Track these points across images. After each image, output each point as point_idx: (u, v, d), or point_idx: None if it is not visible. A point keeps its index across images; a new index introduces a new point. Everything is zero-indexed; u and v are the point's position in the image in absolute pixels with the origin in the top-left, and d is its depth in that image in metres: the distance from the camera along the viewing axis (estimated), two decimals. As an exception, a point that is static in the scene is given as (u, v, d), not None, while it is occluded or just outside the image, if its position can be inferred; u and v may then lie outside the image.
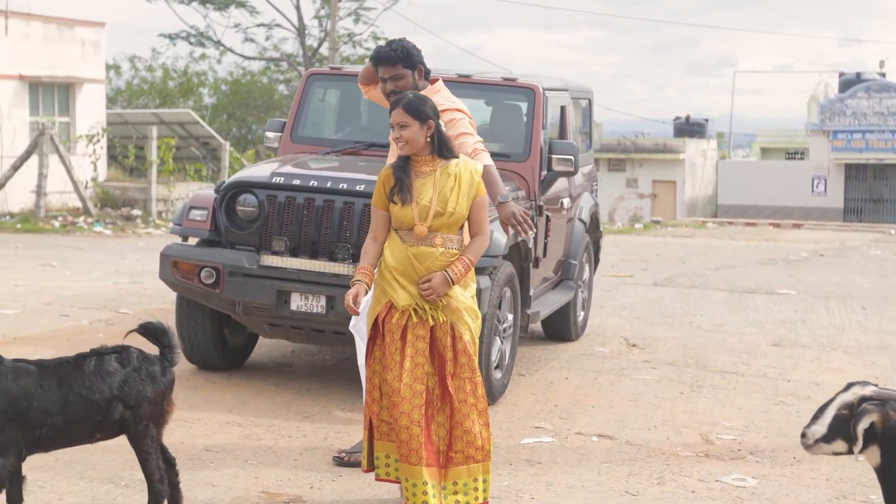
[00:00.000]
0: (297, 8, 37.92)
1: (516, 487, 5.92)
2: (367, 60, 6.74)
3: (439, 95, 6.10)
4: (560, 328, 9.82)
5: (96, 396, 4.70)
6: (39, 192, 22.81)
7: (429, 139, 5.15)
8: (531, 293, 8.24)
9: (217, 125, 36.68)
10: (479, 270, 7.21)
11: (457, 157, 5.23)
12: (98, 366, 4.77)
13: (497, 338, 7.53)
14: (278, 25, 38.64)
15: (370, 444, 5.29)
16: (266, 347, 8.92)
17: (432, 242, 5.13)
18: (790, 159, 47.37)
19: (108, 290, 11.90)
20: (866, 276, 18.75)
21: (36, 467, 5.48)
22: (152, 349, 4.95)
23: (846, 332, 11.79)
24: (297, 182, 7.40)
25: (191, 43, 38.77)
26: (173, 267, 7.48)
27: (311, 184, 7.37)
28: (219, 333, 7.91)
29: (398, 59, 6.01)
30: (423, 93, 5.87)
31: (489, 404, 7.47)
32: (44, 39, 24.92)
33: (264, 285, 7.26)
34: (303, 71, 38.85)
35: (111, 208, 24.82)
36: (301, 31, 37.96)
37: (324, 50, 38.88)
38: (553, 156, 8.41)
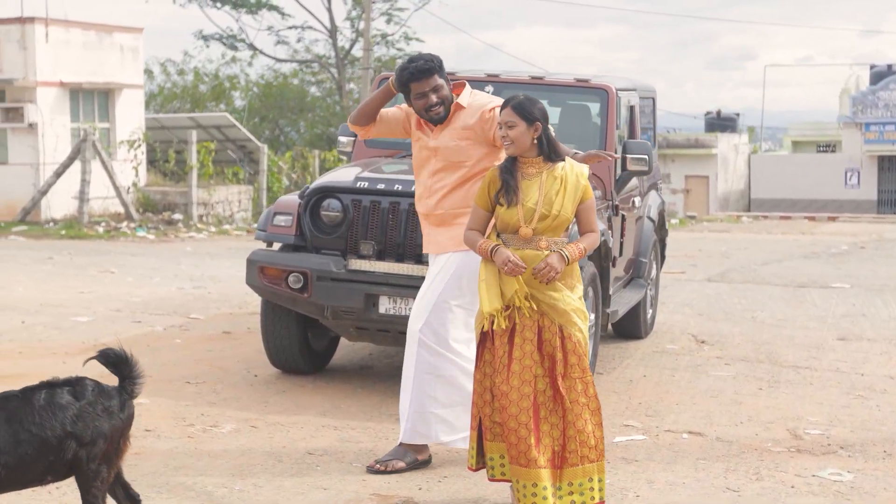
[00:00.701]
0: (329, 10, 38.12)
1: (619, 485, 5.97)
2: (370, 92, 6.74)
3: (478, 95, 6.17)
4: (630, 326, 9.87)
5: (48, 433, 4.31)
6: (83, 198, 22.99)
7: (535, 141, 5.22)
8: (610, 292, 8.31)
9: (249, 128, 36.77)
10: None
11: (563, 160, 5.29)
12: (49, 399, 4.38)
13: (583, 338, 7.58)
14: (310, 27, 38.81)
15: (479, 444, 5.36)
16: (344, 350, 8.99)
17: (537, 245, 5.19)
18: (821, 152, 47.21)
19: (174, 295, 12.01)
20: (914, 269, 18.70)
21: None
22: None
23: (911, 326, 11.79)
24: (381, 186, 7.47)
25: (224, 44, 38.95)
26: (260, 272, 7.56)
27: (395, 188, 7.44)
28: (303, 337, 7.99)
29: (435, 69, 5.95)
30: (461, 96, 6.02)
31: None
32: (83, 46, 25.09)
33: (353, 289, 7.33)
34: (335, 73, 39.08)
35: (152, 213, 24.98)
36: (333, 32, 38.10)
37: (356, 51, 39.04)
38: (627, 155, 8.47)
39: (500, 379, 5.16)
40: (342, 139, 8.98)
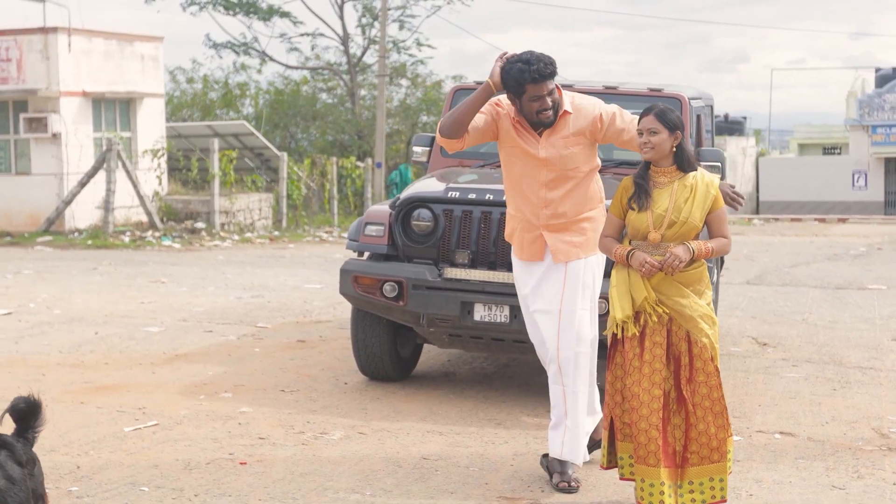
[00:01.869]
0: (341, 17, 38.23)
1: (731, 485, 6.15)
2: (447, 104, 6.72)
3: (578, 99, 6.14)
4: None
5: None
6: (108, 207, 23.13)
7: (673, 149, 5.40)
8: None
9: (261, 135, 36.94)
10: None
11: (695, 170, 5.46)
12: None
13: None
14: (321, 34, 38.94)
15: (611, 444, 5.54)
16: (425, 357, 9.16)
17: (666, 252, 5.36)
18: (828, 154, 47.48)
19: (235, 305, 12.18)
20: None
21: None
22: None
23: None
24: (472, 196, 7.64)
25: (236, 52, 39.08)
26: (354, 282, 7.73)
27: (486, 197, 7.61)
28: (392, 345, 8.16)
29: (555, 72, 5.93)
30: (564, 102, 6.02)
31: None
32: (105, 55, 25.23)
33: (448, 297, 7.50)
34: (347, 79, 39.22)
35: (174, 222, 25.11)
36: (345, 39, 38.24)
37: (367, 58, 39.20)
38: (702, 162, 8.64)
39: (631, 381, 5.34)
40: (417, 149, 9.13)
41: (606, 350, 5.64)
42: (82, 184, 23.42)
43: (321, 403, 7.62)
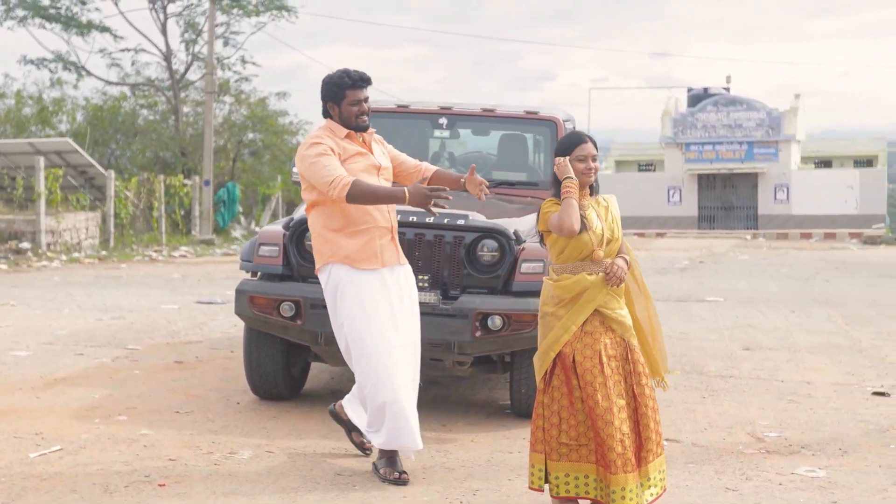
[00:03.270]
0: (164, 33, 37.77)
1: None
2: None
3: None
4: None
5: None
6: (-71, 228, 22.39)
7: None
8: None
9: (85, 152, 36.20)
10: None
11: (597, 193, 5.83)
12: None
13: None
14: (143, 50, 38.41)
15: (545, 465, 5.63)
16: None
17: (606, 266, 5.62)
18: (643, 171, 49.06)
19: (98, 326, 12.02)
20: (765, 281, 19.88)
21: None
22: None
23: (795, 335, 12.70)
24: (365, 217, 7.78)
25: (51, 70, 38.24)
26: (250, 302, 7.79)
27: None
28: (285, 364, 8.24)
29: (370, 82, 6.64)
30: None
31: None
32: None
33: (346, 315, 7.62)
34: (170, 96, 38.73)
35: (-3, 242, 24.44)
36: (168, 55, 37.78)
37: (191, 74, 38.82)
38: (575, 183, 8.99)
39: (600, 396, 5.49)
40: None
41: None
42: None
43: (220, 424, 7.65)
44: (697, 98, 45.76)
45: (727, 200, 45.67)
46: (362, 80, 6.58)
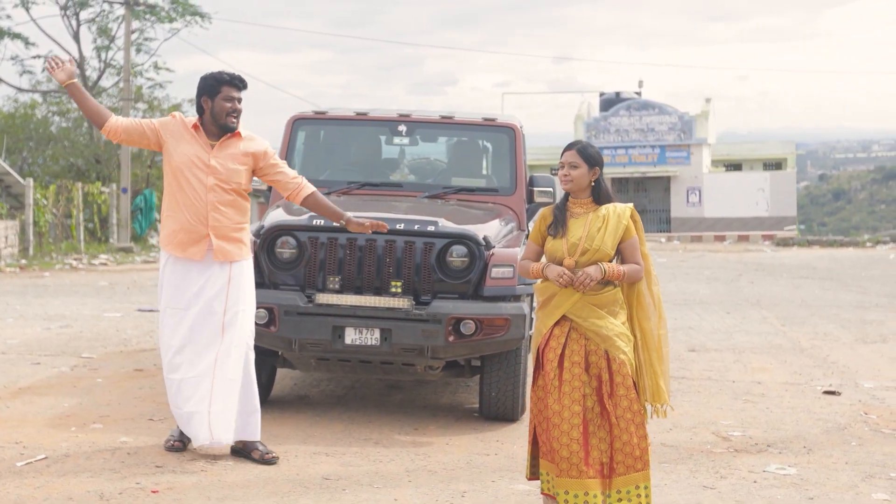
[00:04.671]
0: (77, 39, 37.32)
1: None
2: None
3: (254, 133, 7.05)
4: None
5: None
6: None
7: (592, 183, 5.82)
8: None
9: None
10: (518, 298, 7.91)
11: (610, 202, 5.87)
12: None
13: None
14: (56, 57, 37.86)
15: (535, 458, 5.88)
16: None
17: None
18: (555, 174, 49.47)
19: (47, 336, 11.92)
20: (692, 283, 20.25)
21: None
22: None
23: (734, 336, 13.01)
24: (338, 224, 7.86)
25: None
26: (223, 309, 7.80)
27: (351, 225, 7.85)
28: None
29: (246, 86, 6.96)
30: (241, 125, 6.90)
31: (517, 421, 8.19)
32: None
33: (321, 322, 7.70)
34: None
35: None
36: (81, 62, 37.32)
37: (103, 81, 38.38)
38: (535, 188, 9.16)
39: (552, 399, 5.67)
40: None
41: None
42: None
43: (196, 431, 7.66)
44: (610, 102, 46.38)
45: (640, 204, 46.26)
46: (239, 81, 6.88)
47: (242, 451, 6.96)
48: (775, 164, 50.54)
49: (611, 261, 5.83)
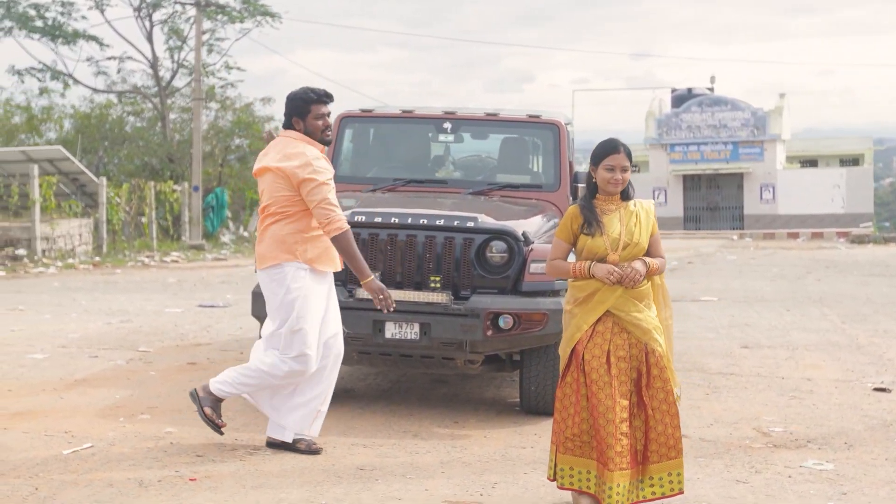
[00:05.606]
0: (150, 40, 37.92)
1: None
2: None
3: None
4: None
5: None
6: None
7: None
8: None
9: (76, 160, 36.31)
10: (557, 293, 7.99)
11: (632, 198, 5.94)
12: None
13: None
14: (130, 58, 38.54)
15: (556, 456, 5.89)
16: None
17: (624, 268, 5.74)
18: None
19: (108, 330, 12.22)
20: (756, 281, 20.12)
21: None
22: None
23: (791, 333, 12.93)
24: (378, 220, 8.00)
25: (39, 79, 38.38)
26: (266, 304, 7.96)
27: (392, 220, 7.98)
28: (300, 364, 8.40)
29: (332, 100, 7.09)
30: (293, 142, 6.93)
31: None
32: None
33: (361, 316, 7.83)
34: (157, 102, 38.88)
35: (-8, 249, 24.55)
36: (154, 63, 37.93)
37: (176, 81, 38.96)
38: (579, 185, 9.21)
39: (603, 394, 5.69)
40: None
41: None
42: None
43: (240, 422, 7.84)
44: (682, 99, 46.08)
45: (712, 201, 46.02)
46: (326, 96, 7.02)
47: (281, 444, 7.10)
48: (852, 161, 49.91)
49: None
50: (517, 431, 7.84)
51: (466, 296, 7.90)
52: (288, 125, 7.01)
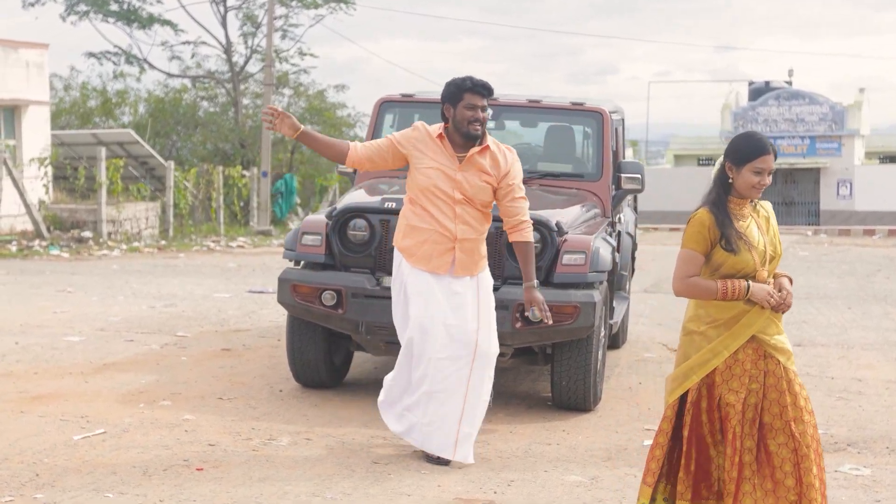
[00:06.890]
0: (224, 25, 38.06)
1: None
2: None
3: (501, 148, 6.78)
4: (611, 336, 10.32)
5: None
6: (-6, 216, 22.75)
7: None
8: (613, 304, 8.78)
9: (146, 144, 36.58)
10: (590, 285, 7.75)
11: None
12: None
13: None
14: (204, 43, 38.72)
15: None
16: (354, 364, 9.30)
17: (776, 287, 4.96)
18: (703, 166, 48.66)
19: (150, 314, 12.17)
20: (823, 278, 19.64)
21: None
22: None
23: (849, 331, 12.54)
24: (408, 206, 7.80)
25: (114, 63, 38.70)
26: (293, 290, 7.83)
27: (422, 207, 7.77)
28: (327, 353, 8.26)
29: (491, 93, 6.77)
30: (488, 139, 6.67)
31: (589, 411, 8.02)
32: (-13, 62, 24.81)
33: (387, 305, 7.62)
34: (230, 88, 39.02)
35: (60, 231, 24.75)
36: (228, 48, 38.06)
37: (250, 67, 39.08)
38: (622, 175, 8.96)
39: (731, 435, 4.87)
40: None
41: None
42: (-35, 192, 22.98)
43: (261, 411, 7.71)
44: (759, 92, 45.29)
45: (788, 196, 45.20)
46: (483, 88, 6.62)
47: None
48: (935, 157, 48.77)
49: None
50: (545, 427, 7.62)
51: (497, 286, 7.68)
52: (442, 113, 6.70)
